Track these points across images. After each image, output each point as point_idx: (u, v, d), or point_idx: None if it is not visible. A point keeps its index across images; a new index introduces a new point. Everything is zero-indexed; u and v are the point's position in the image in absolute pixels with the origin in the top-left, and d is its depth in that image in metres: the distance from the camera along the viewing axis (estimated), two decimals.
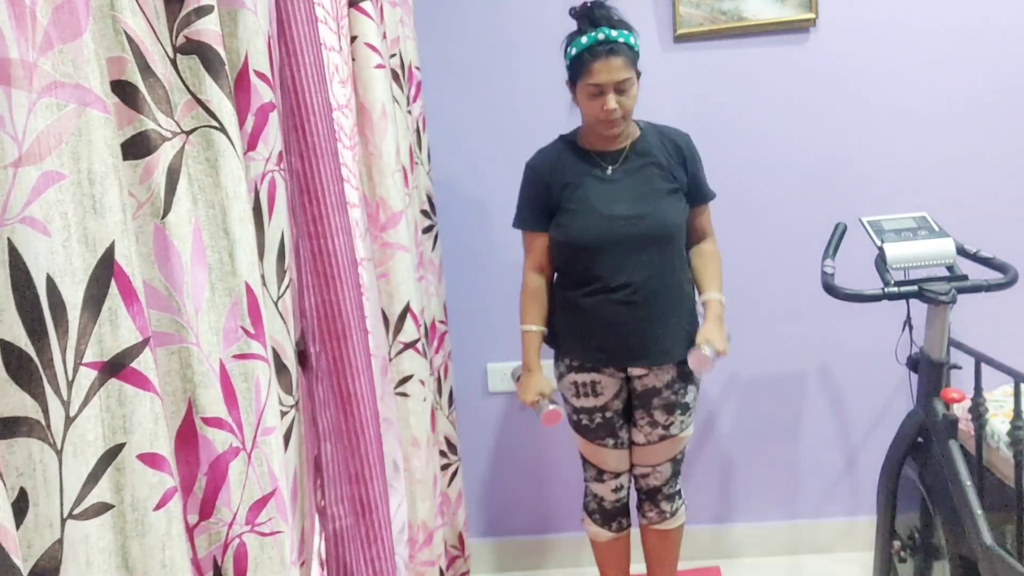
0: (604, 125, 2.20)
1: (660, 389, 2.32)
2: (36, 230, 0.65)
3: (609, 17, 2.19)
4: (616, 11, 2.22)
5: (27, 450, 0.63)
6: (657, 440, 2.36)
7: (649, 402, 2.34)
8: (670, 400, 2.33)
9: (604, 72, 2.13)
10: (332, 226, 1.28)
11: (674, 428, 2.34)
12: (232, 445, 0.94)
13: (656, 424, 2.34)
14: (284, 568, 1.01)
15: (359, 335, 1.32)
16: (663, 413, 2.33)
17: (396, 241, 2.01)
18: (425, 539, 2.15)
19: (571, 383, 2.37)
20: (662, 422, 2.34)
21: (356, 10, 1.88)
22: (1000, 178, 2.82)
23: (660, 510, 2.46)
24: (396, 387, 2.05)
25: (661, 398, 2.33)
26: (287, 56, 1.23)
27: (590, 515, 2.48)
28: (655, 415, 2.34)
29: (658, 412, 2.33)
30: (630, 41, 2.17)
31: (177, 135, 0.94)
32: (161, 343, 0.89)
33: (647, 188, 2.25)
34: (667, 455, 2.39)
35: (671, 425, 2.34)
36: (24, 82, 0.67)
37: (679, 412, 2.34)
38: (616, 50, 2.13)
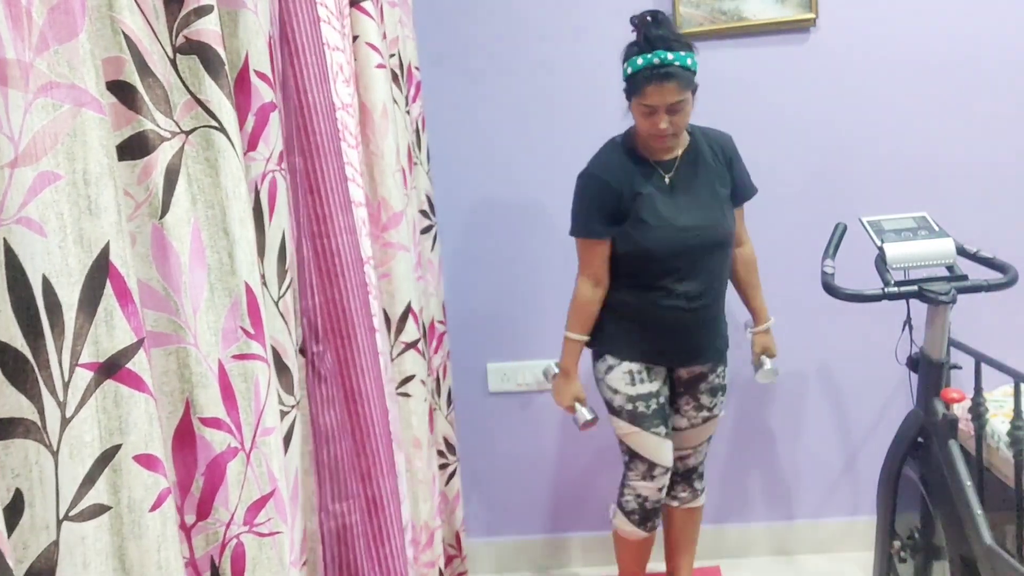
0: (655, 139, 2.24)
1: (706, 374, 2.44)
2: (32, 230, 0.65)
3: (666, 37, 2.15)
4: (673, 26, 2.24)
5: (23, 451, 0.63)
6: (701, 422, 2.48)
7: (696, 387, 2.45)
8: (714, 384, 2.46)
9: (657, 96, 2.14)
10: (336, 225, 1.28)
11: (716, 409, 2.49)
12: (230, 445, 0.94)
13: (702, 407, 2.46)
14: (283, 568, 1.01)
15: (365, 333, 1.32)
16: (708, 396, 2.46)
17: (397, 241, 2.00)
18: (427, 540, 2.15)
19: (626, 372, 2.37)
20: (707, 405, 2.46)
21: (357, 9, 1.88)
22: (1000, 178, 2.81)
23: (693, 489, 2.59)
24: (398, 387, 2.05)
25: (707, 382, 2.45)
26: (290, 56, 1.23)
27: (628, 514, 2.46)
28: (701, 399, 2.45)
29: (704, 396, 2.45)
30: (687, 63, 2.16)
31: (176, 135, 0.94)
32: (158, 343, 0.89)
33: (707, 197, 2.31)
34: (707, 434, 2.53)
35: (715, 406, 2.48)
36: (20, 82, 0.67)
37: (720, 394, 2.48)
38: (671, 74, 2.13)
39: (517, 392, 3.05)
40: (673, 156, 2.32)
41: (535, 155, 2.95)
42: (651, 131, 2.21)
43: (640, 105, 2.18)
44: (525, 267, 2.97)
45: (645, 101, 2.16)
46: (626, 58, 2.22)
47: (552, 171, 2.93)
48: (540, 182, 2.95)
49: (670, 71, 2.12)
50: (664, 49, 2.13)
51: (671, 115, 2.18)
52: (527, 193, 2.97)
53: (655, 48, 2.13)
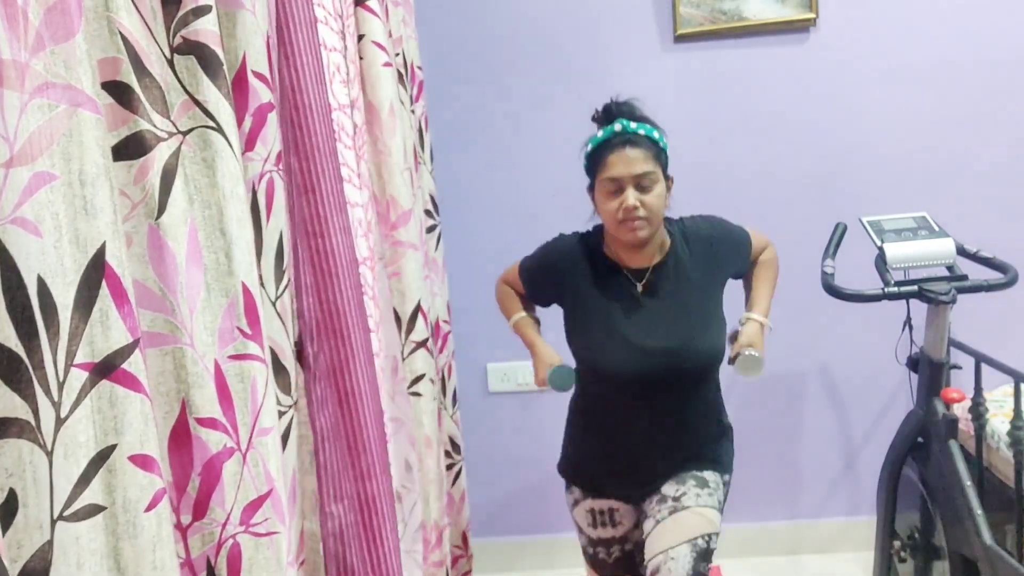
0: (625, 228, 1.86)
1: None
2: (27, 231, 0.65)
3: (630, 111, 1.93)
4: (640, 108, 1.97)
5: (17, 451, 0.63)
6: (668, 514, 1.91)
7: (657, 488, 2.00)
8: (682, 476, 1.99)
9: (621, 164, 1.84)
10: (332, 226, 1.28)
11: (687, 499, 1.91)
12: (226, 445, 0.94)
13: (665, 499, 1.94)
14: (280, 568, 1.01)
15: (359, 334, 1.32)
16: (673, 485, 1.96)
17: (407, 239, 2.00)
18: (436, 539, 2.15)
19: (587, 511, 2.07)
20: (671, 494, 1.93)
21: (363, 8, 1.88)
22: (1000, 178, 2.81)
23: None
24: (409, 386, 2.04)
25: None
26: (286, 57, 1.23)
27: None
28: (664, 489, 1.96)
29: (667, 486, 1.96)
30: (653, 135, 1.90)
31: (173, 135, 0.94)
32: (154, 343, 0.89)
33: (684, 313, 1.93)
34: (680, 536, 1.88)
35: (682, 496, 1.92)
36: (16, 83, 0.67)
37: (693, 483, 1.94)
38: (635, 141, 1.86)
39: (517, 392, 3.06)
40: (647, 264, 1.96)
41: (536, 155, 2.96)
42: (619, 215, 1.85)
43: (604, 183, 1.87)
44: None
45: (608, 174, 1.85)
46: (585, 145, 1.96)
47: (553, 171, 2.93)
48: (541, 182, 2.95)
49: (633, 138, 1.86)
50: (627, 118, 1.91)
51: (640, 192, 1.84)
52: (528, 193, 2.97)
53: (616, 118, 1.91)
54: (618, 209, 1.84)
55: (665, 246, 1.97)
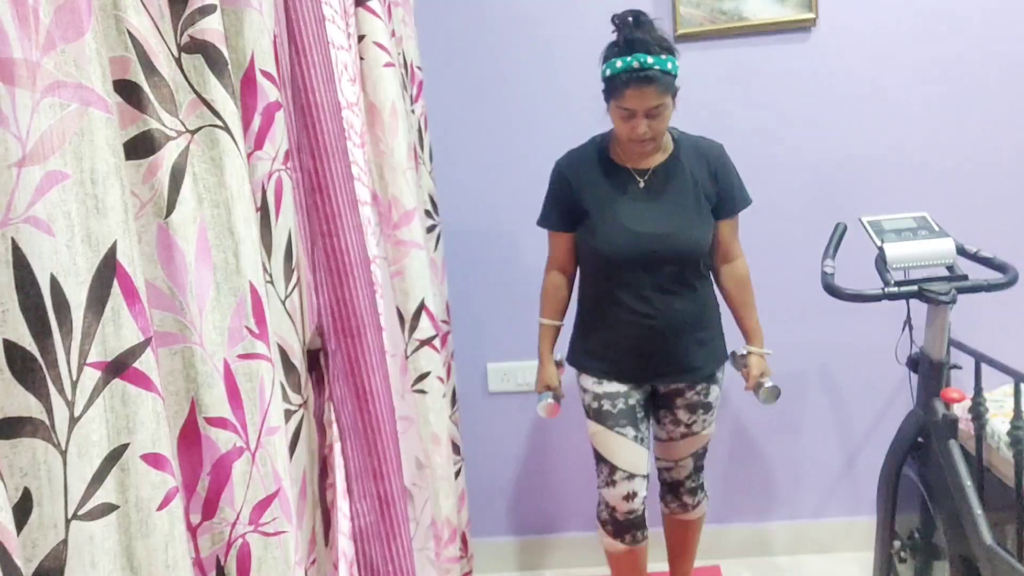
0: (634, 144, 2.17)
1: (683, 390, 2.33)
2: (40, 230, 0.65)
3: (647, 41, 2.08)
4: (657, 30, 2.13)
5: (31, 450, 0.63)
6: (679, 437, 2.37)
7: (672, 402, 2.35)
8: (693, 400, 2.33)
9: (636, 99, 2.08)
10: (344, 224, 1.28)
11: (696, 426, 2.36)
12: (236, 445, 0.94)
13: (679, 423, 2.35)
14: (289, 568, 1.01)
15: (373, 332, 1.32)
16: (686, 412, 2.34)
17: (410, 239, 2.00)
18: (449, 536, 2.15)
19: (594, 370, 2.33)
20: (685, 420, 2.35)
21: (364, 9, 1.88)
22: (1000, 178, 2.82)
23: (682, 503, 2.49)
24: (414, 384, 2.05)
25: (684, 399, 2.34)
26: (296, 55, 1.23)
27: (603, 525, 2.34)
28: (678, 414, 2.35)
29: (681, 411, 2.34)
30: (667, 67, 2.07)
31: (182, 134, 0.94)
32: (164, 343, 0.89)
33: (676, 206, 2.22)
34: (688, 451, 2.40)
35: (693, 423, 2.35)
36: (27, 82, 0.67)
37: (702, 411, 2.34)
38: (651, 78, 2.05)
39: (517, 392, 3.06)
40: (650, 164, 2.25)
41: (536, 155, 2.95)
42: (630, 135, 2.14)
43: (619, 108, 2.12)
44: (525, 267, 2.97)
45: (624, 104, 2.09)
46: (605, 59, 2.16)
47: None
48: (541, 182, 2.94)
49: (650, 75, 2.05)
50: (644, 52, 2.06)
51: (650, 119, 2.11)
52: (527, 193, 2.97)
53: (635, 51, 2.07)
54: (630, 131, 2.13)
55: (668, 149, 2.26)
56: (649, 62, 2.05)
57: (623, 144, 2.21)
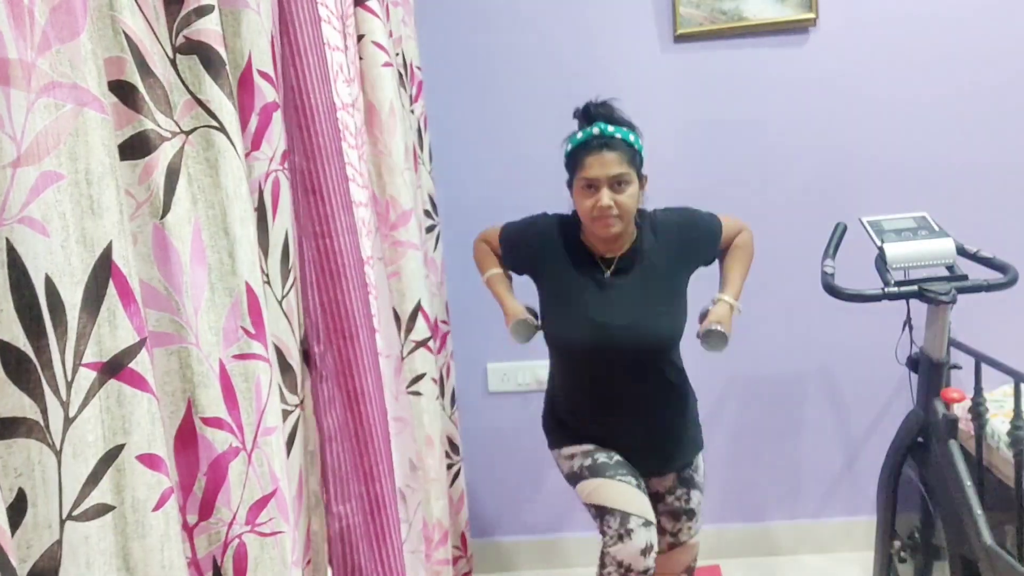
0: (599, 224, 2.02)
1: (663, 495, 2.23)
2: (35, 230, 0.65)
3: (608, 115, 2.07)
4: (619, 111, 2.10)
5: (26, 451, 0.63)
6: (667, 548, 2.24)
7: (655, 509, 2.18)
8: (675, 507, 2.23)
9: (597, 166, 1.99)
10: (338, 225, 1.28)
11: (683, 535, 2.25)
12: (232, 445, 0.94)
13: (664, 531, 2.24)
14: (285, 568, 1.01)
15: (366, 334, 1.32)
16: (670, 520, 2.24)
17: (407, 239, 2.00)
18: (440, 537, 2.15)
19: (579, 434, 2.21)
20: (670, 529, 2.24)
21: (363, 8, 1.88)
22: (1000, 178, 2.82)
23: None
24: (409, 386, 2.04)
25: (665, 504, 2.23)
26: (291, 56, 1.23)
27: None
28: (661, 522, 2.23)
29: (664, 519, 2.24)
30: (628, 138, 2.03)
31: (177, 135, 0.94)
32: (160, 343, 0.89)
33: (643, 296, 2.09)
34: (681, 565, 2.28)
35: (679, 532, 2.25)
36: (22, 82, 0.67)
37: (685, 519, 2.24)
38: (611, 145, 2.00)
39: (517, 392, 3.06)
40: (617, 252, 2.11)
41: (535, 155, 2.95)
42: (592, 212, 2.00)
43: (581, 180, 2.02)
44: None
45: (585, 174, 2.00)
46: (565, 142, 2.11)
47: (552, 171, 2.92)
48: (540, 182, 2.95)
49: (610, 141, 2.00)
50: (604, 122, 2.04)
51: (614, 193, 1.99)
52: (527, 193, 2.97)
53: (595, 121, 2.05)
54: (593, 207, 2.00)
55: (632, 235, 2.12)
56: (609, 130, 2.02)
57: (588, 226, 2.08)
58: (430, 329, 2.09)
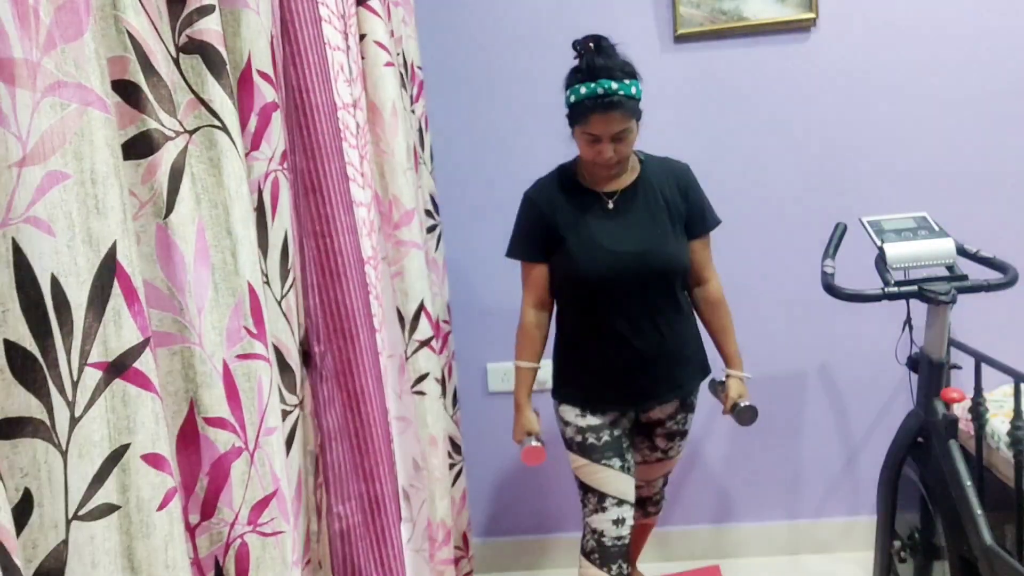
0: (600, 168, 2.15)
1: (663, 420, 2.33)
2: (41, 230, 0.65)
3: (610, 67, 2.06)
4: (619, 55, 2.11)
5: (32, 451, 0.63)
6: (654, 461, 2.43)
7: (652, 431, 2.36)
8: (672, 429, 2.36)
9: (601, 125, 2.05)
10: (338, 225, 1.28)
11: (671, 451, 2.41)
12: (234, 445, 0.94)
13: (656, 448, 2.39)
14: (286, 568, 1.01)
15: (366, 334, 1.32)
16: (664, 440, 2.38)
17: (410, 239, 2.00)
18: (444, 537, 2.15)
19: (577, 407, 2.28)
20: (662, 447, 2.39)
21: (364, 8, 1.88)
22: (1000, 178, 2.82)
23: (645, 511, 2.56)
24: (413, 386, 2.04)
25: (664, 428, 2.35)
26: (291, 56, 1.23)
27: (588, 555, 2.23)
28: (656, 441, 2.38)
29: (660, 439, 2.38)
30: (631, 92, 2.06)
31: (180, 135, 0.94)
32: (163, 343, 0.89)
33: (651, 224, 2.18)
34: (660, 472, 2.48)
35: (669, 450, 2.40)
36: (28, 81, 0.67)
37: (679, 439, 2.39)
38: (615, 103, 2.03)
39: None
40: (619, 186, 2.21)
41: (535, 155, 2.95)
42: (595, 160, 2.11)
43: (584, 134, 2.09)
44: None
45: (589, 130, 2.07)
46: (568, 85, 2.14)
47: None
48: None
49: (614, 100, 2.03)
50: (608, 78, 2.04)
51: (616, 143, 2.08)
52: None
53: (598, 77, 2.05)
54: (596, 155, 2.11)
55: (635, 169, 2.23)
56: (614, 87, 2.03)
57: (589, 168, 2.18)
58: (433, 329, 2.09)
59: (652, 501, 2.55)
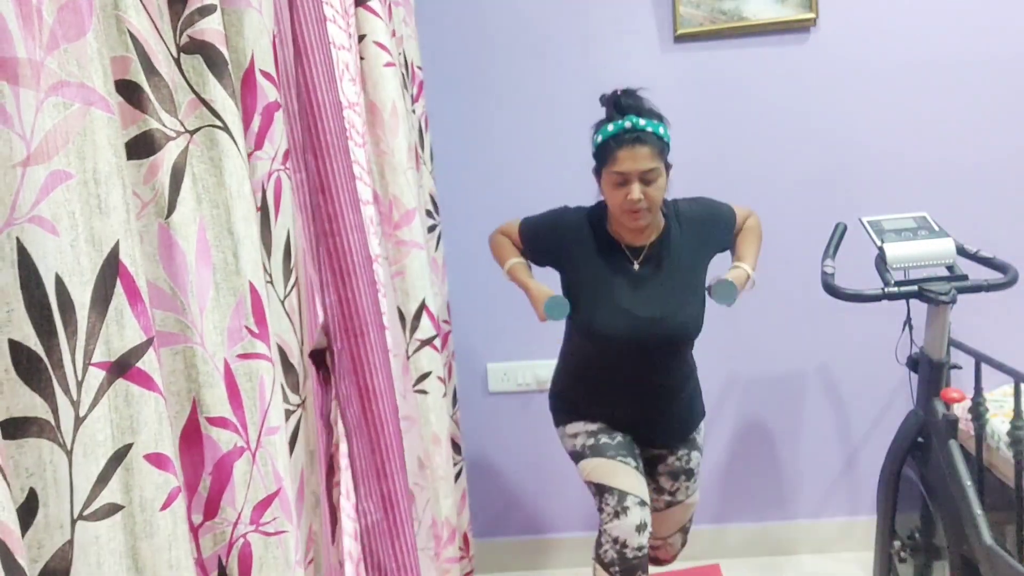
0: (628, 216, 2.06)
1: (665, 456, 2.33)
2: (45, 229, 0.65)
3: (639, 106, 2.06)
4: (647, 100, 2.10)
5: (37, 450, 0.63)
6: (664, 507, 2.36)
7: (654, 468, 2.34)
8: (675, 467, 2.32)
9: (629, 160, 2.00)
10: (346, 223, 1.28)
11: (680, 494, 2.35)
12: (237, 445, 0.94)
13: (662, 491, 2.35)
14: (289, 568, 1.01)
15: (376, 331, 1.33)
16: (669, 480, 2.33)
17: (411, 239, 2.00)
18: (449, 536, 2.15)
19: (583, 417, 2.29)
20: (668, 488, 2.34)
21: (364, 9, 1.88)
22: (1000, 178, 2.82)
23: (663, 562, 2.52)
24: (415, 384, 2.05)
25: (666, 465, 2.33)
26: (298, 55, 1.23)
27: (606, 567, 2.10)
28: (660, 481, 2.34)
29: (664, 479, 2.34)
30: (659, 132, 2.04)
31: (181, 134, 0.94)
32: (165, 343, 0.89)
33: (672, 287, 2.15)
34: (677, 524, 2.40)
35: (677, 491, 2.34)
36: (31, 81, 0.67)
37: (684, 478, 2.33)
38: (643, 139, 2.00)
39: (517, 392, 3.06)
40: (645, 241, 2.16)
41: (536, 155, 2.96)
42: (623, 206, 2.03)
43: (611, 175, 2.03)
44: None
45: (616, 168, 2.01)
46: (595, 131, 2.10)
47: (553, 171, 2.93)
48: (541, 183, 2.95)
49: (642, 136, 2.00)
50: (635, 115, 2.03)
51: (644, 186, 2.01)
52: (527, 193, 2.97)
53: (626, 113, 2.04)
54: (623, 200, 2.03)
55: (660, 226, 2.17)
56: (641, 123, 2.02)
57: (617, 218, 2.12)
58: (435, 328, 2.09)
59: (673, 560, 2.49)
